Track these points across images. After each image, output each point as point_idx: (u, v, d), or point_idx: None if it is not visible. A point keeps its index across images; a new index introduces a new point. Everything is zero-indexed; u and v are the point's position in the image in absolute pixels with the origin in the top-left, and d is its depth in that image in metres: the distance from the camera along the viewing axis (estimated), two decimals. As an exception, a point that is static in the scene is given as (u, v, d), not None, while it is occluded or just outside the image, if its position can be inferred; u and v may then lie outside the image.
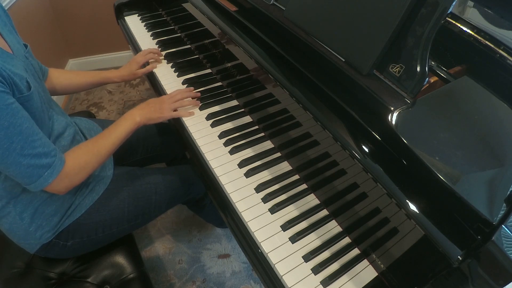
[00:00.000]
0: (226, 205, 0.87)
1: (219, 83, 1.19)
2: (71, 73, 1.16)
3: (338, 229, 0.81)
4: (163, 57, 1.30)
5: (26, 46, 0.90)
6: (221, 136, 1.00)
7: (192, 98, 1.10)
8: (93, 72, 1.19)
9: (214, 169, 0.91)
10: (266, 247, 0.76)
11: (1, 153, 0.69)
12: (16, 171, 0.72)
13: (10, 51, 0.79)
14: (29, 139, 0.72)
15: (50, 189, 0.79)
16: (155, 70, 1.25)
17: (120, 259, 1.01)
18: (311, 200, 0.86)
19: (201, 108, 1.09)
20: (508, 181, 0.58)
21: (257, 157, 0.94)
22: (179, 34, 1.44)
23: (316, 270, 0.73)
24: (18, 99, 0.72)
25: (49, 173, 0.75)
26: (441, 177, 0.56)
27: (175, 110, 1.05)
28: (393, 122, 0.63)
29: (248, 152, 0.96)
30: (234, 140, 0.98)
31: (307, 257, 0.75)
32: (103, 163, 1.00)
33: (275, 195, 0.86)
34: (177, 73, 1.23)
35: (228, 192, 0.86)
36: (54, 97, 1.00)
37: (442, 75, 0.72)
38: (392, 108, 0.65)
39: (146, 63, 1.28)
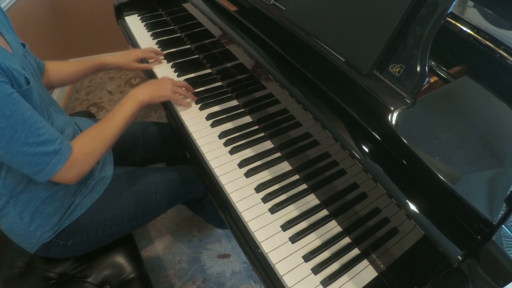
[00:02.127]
0: (226, 205, 0.86)
1: (219, 83, 1.19)
2: (65, 63, 1.14)
3: (338, 229, 0.81)
4: (163, 57, 1.30)
5: (24, 45, 0.90)
6: (221, 136, 1.00)
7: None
8: (87, 60, 1.18)
9: (214, 169, 0.91)
10: (266, 247, 0.76)
11: (5, 143, 0.68)
12: (22, 160, 0.71)
13: (10, 50, 0.80)
14: (33, 127, 0.71)
15: (59, 178, 0.77)
16: (155, 70, 1.25)
17: (120, 259, 1.01)
18: (311, 200, 0.86)
19: (201, 108, 1.09)
20: (508, 181, 0.58)
21: (257, 157, 0.94)
22: (179, 34, 1.44)
23: (316, 270, 0.73)
24: (17, 92, 0.71)
25: (56, 159, 0.74)
26: (441, 177, 0.56)
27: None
28: (393, 122, 0.63)
29: (248, 152, 0.96)
30: (234, 140, 0.98)
31: (307, 257, 0.75)
32: (103, 162, 1.00)
33: (275, 195, 0.86)
34: (177, 73, 1.23)
35: (228, 192, 0.86)
36: (54, 97, 1.00)
37: (442, 75, 0.72)
38: (392, 108, 0.65)
39: (146, 61, 1.28)
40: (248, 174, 0.90)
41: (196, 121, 1.05)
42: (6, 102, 0.67)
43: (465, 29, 0.73)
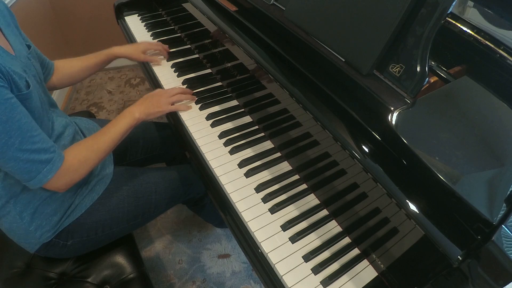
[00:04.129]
0: (226, 205, 0.86)
1: (219, 83, 1.19)
2: (74, 59, 1.13)
3: (338, 229, 0.81)
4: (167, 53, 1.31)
5: (29, 46, 0.90)
6: (221, 136, 1.00)
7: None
8: (96, 53, 1.17)
9: (214, 169, 0.91)
10: (266, 247, 0.76)
11: None
12: (15, 166, 0.72)
13: (12, 52, 0.80)
14: (28, 135, 0.72)
15: (50, 186, 0.79)
16: (155, 70, 1.25)
17: (120, 259, 1.01)
18: (311, 200, 0.86)
19: (201, 108, 1.09)
20: (508, 181, 0.58)
21: (257, 157, 0.94)
22: (179, 34, 1.44)
23: (316, 270, 0.73)
24: (16, 96, 0.72)
25: (48, 168, 0.75)
26: (441, 177, 0.56)
27: (172, 105, 1.05)
28: (393, 122, 0.63)
29: (248, 152, 0.96)
30: (234, 140, 0.98)
31: (307, 257, 0.75)
32: (103, 162, 1.00)
33: (275, 195, 0.86)
34: (177, 73, 1.23)
35: (228, 192, 0.86)
36: (54, 97, 1.00)
37: (442, 75, 0.72)
38: (392, 108, 0.65)
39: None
40: (248, 174, 0.90)
41: (196, 121, 1.05)
42: (3, 107, 0.67)
43: (465, 29, 0.72)
